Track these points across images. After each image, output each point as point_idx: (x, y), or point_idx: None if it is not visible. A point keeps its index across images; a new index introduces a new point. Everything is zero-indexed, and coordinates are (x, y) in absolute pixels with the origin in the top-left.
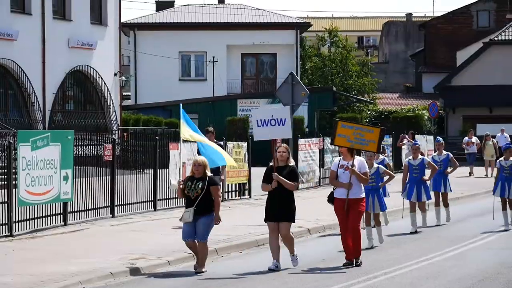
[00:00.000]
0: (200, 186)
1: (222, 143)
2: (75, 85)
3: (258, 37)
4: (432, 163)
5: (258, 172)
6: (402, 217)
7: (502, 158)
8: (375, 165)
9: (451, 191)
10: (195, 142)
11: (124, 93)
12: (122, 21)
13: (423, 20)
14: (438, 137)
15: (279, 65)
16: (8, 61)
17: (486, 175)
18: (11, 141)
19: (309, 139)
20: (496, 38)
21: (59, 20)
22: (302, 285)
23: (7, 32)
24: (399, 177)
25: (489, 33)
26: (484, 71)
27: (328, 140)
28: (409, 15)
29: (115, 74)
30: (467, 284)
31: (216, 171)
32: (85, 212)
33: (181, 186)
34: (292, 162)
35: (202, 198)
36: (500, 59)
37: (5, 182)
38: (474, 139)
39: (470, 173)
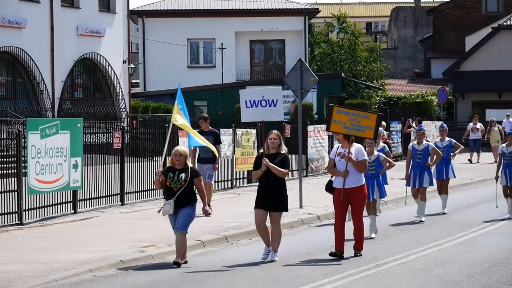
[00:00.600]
0: (183, 177)
1: (217, 131)
2: (84, 73)
3: (266, 24)
4: (437, 149)
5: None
6: (405, 203)
7: (504, 145)
8: (376, 153)
9: (454, 177)
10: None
11: (133, 81)
12: (130, 8)
13: (432, 5)
14: (442, 123)
15: (287, 51)
16: (16, 49)
17: (495, 161)
18: (20, 129)
19: (318, 126)
20: (505, 23)
21: (68, 7)
22: (313, 271)
23: (15, 20)
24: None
25: (497, 18)
26: (493, 56)
27: None
28: (417, 1)
29: (123, 62)
30: (477, 270)
31: (212, 160)
32: (95, 200)
33: (159, 177)
34: (284, 150)
35: (184, 190)
36: (509, 44)
37: (15, 171)
38: (478, 125)
39: (470, 160)
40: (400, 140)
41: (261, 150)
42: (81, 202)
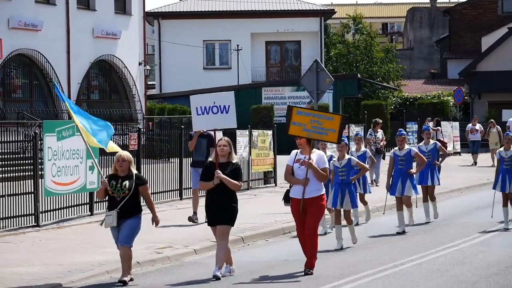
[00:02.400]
0: (127, 185)
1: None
2: (100, 75)
3: (282, 25)
4: (420, 154)
5: (284, 160)
6: (384, 213)
7: (502, 149)
8: (347, 157)
9: (439, 184)
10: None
11: (149, 82)
12: (146, 10)
13: (448, 5)
14: (426, 125)
15: (303, 52)
16: (33, 52)
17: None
18: (37, 131)
19: None
20: None
21: (84, 9)
22: (331, 271)
23: (32, 23)
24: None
25: None
26: (509, 56)
27: (353, 127)
28: (433, 1)
29: (139, 64)
30: (494, 270)
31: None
32: None
33: (106, 186)
34: (235, 159)
35: (128, 200)
36: None
37: (32, 173)
38: (477, 126)
39: (475, 163)
40: (416, 141)
41: (210, 159)
42: (97, 203)
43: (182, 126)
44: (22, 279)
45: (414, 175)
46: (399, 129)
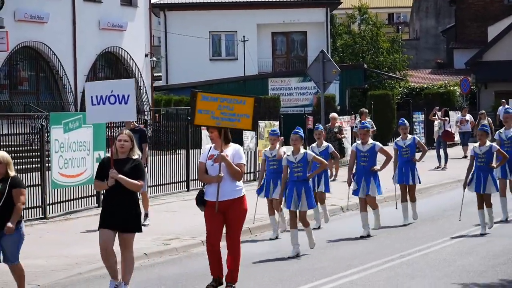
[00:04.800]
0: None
1: (144, 128)
2: (106, 67)
3: (288, 16)
4: (386, 150)
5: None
6: (344, 211)
7: (476, 144)
8: (302, 151)
9: (420, 182)
10: None
11: (155, 74)
12: (152, 1)
13: None
14: (402, 119)
15: (309, 43)
16: (39, 44)
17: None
18: (43, 123)
19: (341, 117)
20: None
21: (89, 1)
22: (337, 262)
23: (38, 15)
24: (432, 153)
25: None
26: None
27: (359, 117)
28: None
29: (145, 55)
30: (501, 260)
31: None
32: None
33: None
34: (137, 155)
35: (3, 206)
36: None
37: (39, 165)
38: (468, 116)
39: (465, 156)
40: (423, 131)
41: (108, 154)
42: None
43: (189, 118)
44: (29, 271)
45: (378, 173)
46: (362, 121)
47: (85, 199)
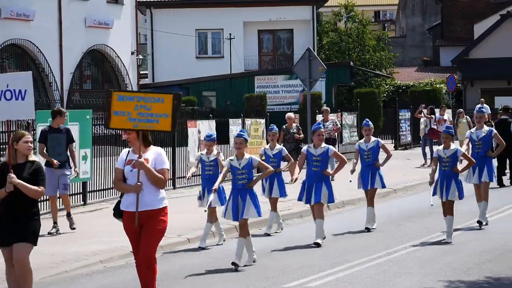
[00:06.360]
0: None
1: (69, 127)
2: (93, 65)
3: (274, 13)
4: (339, 154)
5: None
6: (299, 216)
7: (440, 147)
8: (247, 156)
9: (383, 187)
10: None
11: (142, 72)
12: None
13: None
14: (366, 120)
15: (296, 41)
16: (25, 42)
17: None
18: (29, 121)
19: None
20: None
21: None
22: (324, 260)
23: (24, 13)
24: (418, 150)
25: (506, 5)
26: (501, 43)
27: (346, 114)
28: None
29: (132, 53)
30: (487, 257)
31: (64, 164)
32: (104, 191)
33: None
34: (36, 157)
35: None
36: None
37: None
38: (446, 116)
39: None
40: (409, 129)
41: (4, 159)
42: (90, 193)
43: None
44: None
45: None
46: (317, 122)
47: (71, 196)
